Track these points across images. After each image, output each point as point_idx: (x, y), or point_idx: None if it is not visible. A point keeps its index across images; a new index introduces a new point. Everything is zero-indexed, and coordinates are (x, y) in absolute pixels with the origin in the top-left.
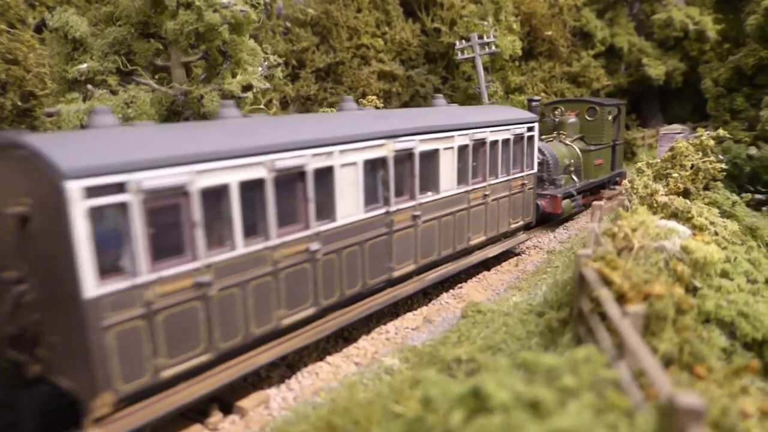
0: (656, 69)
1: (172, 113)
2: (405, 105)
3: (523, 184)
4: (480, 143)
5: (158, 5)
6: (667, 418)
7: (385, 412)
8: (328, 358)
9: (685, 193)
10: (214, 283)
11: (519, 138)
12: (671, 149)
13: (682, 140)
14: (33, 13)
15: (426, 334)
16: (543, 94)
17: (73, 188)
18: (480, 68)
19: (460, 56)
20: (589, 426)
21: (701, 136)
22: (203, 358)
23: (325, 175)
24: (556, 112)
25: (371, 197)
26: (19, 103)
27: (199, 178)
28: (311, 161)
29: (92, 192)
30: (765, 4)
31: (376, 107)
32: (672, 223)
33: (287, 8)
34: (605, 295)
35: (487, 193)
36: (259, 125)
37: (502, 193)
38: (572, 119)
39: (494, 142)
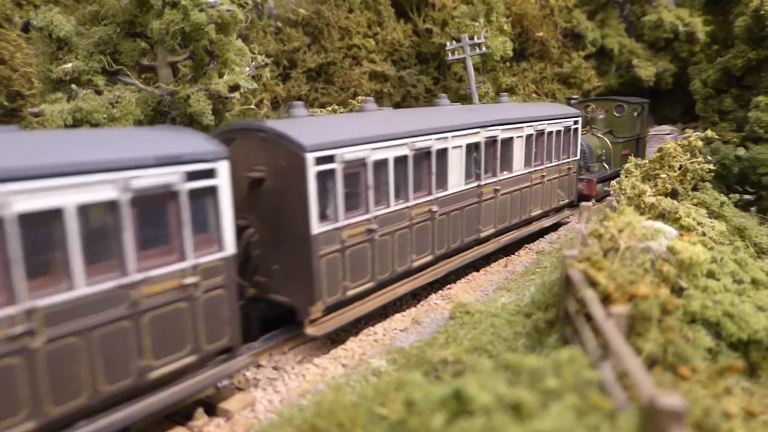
0: (646, 70)
1: (159, 113)
2: (397, 105)
3: (569, 168)
4: (540, 133)
5: (144, 4)
6: (649, 420)
7: (370, 414)
8: (316, 360)
9: (674, 194)
10: (377, 230)
11: (567, 130)
12: (660, 150)
13: (670, 141)
14: (20, 11)
15: (414, 336)
16: (534, 95)
17: (310, 158)
18: (470, 69)
19: (450, 57)
20: (571, 428)
21: (689, 137)
22: (369, 285)
23: (442, 155)
24: (588, 109)
25: (468, 173)
26: (6, 103)
27: (373, 154)
28: (435, 143)
29: (318, 161)
30: (753, 5)
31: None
32: (659, 224)
33: (278, 8)
34: (590, 296)
35: (544, 174)
36: (401, 116)
37: (554, 175)
38: (602, 115)
39: (550, 133)
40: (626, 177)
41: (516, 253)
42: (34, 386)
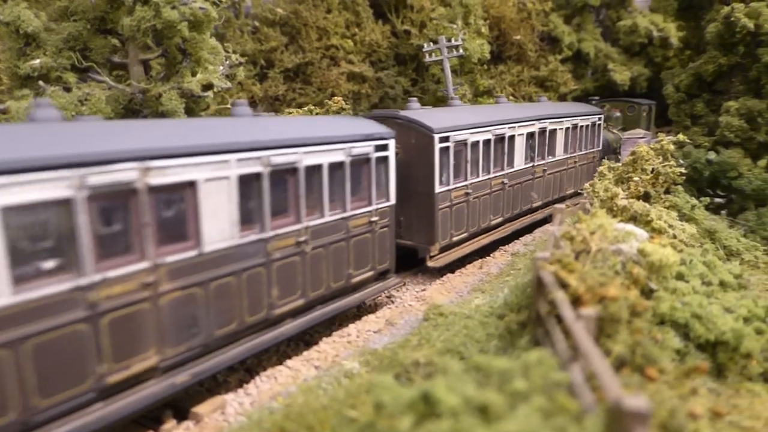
0: (621, 74)
1: (130, 112)
2: (374, 106)
3: (594, 157)
4: (575, 127)
5: (115, 1)
6: (614, 421)
7: (340, 417)
8: (288, 362)
9: (646, 197)
10: (472, 194)
11: (593, 125)
12: (633, 153)
13: (643, 145)
14: None
15: (388, 337)
16: (511, 97)
17: (436, 137)
18: (448, 71)
19: (428, 59)
20: (537, 429)
21: (662, 140)
22: (464, 235)
23: (511, 140)
24: (604, 109)
25: (527, 155)
26: None
27: (470, 137)
28: (508, 131)
29: (440, 140)
30: (724, 12)
31: (342, 109)
32: (630, 227)
33: (256, 7)
34: (561, 298)
35: (576, 160)
36: (483, 111)
37: (583, 162)
38: (617, 114)
39: (582, 127)
40: (600, 180)
41: (491, 255)
42: (305, 277)
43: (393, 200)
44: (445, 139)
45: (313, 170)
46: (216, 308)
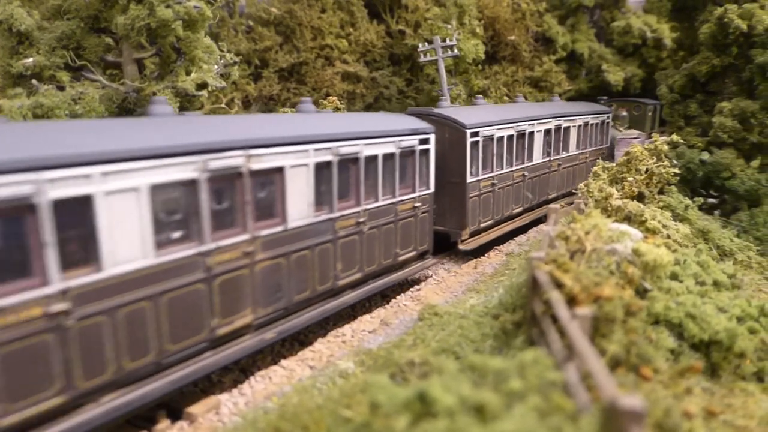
0: (615, 75)
1: (124, 111)
2: (369, 106)
3: (602, 153)
4: (586, 124)
5: None
6: (610, 421)
7: (335, 417)
8: (283, 362)
9: (640, 197)
10: (497, 184)
11: (602, 123)
12: (627, 154)
13: (637, 145)
14: None
15: (383, 337)
16: (506, 97)
17: (468, 132)
18: (442, 71)
19: (423, 59)
20: (533, 429)
21: (656, 141)
22: (490, 222)
23: (530, 136)
24: (612, 108)
25: (544, 150)
26: None
27: (496, 132)
28: (528, 128)
29: (470, 135)
30: (717, 13)
31: (337, 108)
32: (624, 227)
33: (250, 6)
34: (556, 298)
35: (587, 155)
36: (508, 109)
37: (593, 157)
38: (624, 113)
39: (592, 125)
40: (594, 180)
41: (486, 255)
42: (362, 253)
43: (432, 188)
44: (476, 134)
45: (371, 160)
46: (295, 277)
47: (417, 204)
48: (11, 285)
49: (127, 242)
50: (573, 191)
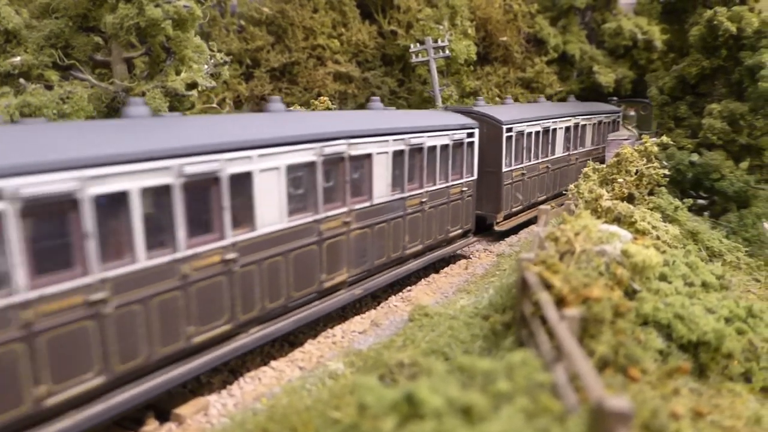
0: (606, 76)
1: (113, 110)
2: (361, 107)
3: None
4: (600, 123)
5: None
6: (597, 422)
7: (324, 418)
8: (273, 363)
9: (630, 198)
10: (527, 174)
11: (614, 122)
12: (617, 155)
13: (628, 146)
14: None
15: (373, 338)
16: (497, 98)
17: (504, 128)
18: (434, 72)
19: (414, 59)
20: (520, 430)
21: (646, 142)
22: (520, 207)
23: (554, 132)
24: (621, 108)
25: (565, 146)
26: None
27: (527, 128)
28: (551, 125)
29: (506, 130)
30: (707, 16)
31: (328, 108)
32: (614, 228)
33: (242, 6)
34: (545, 299)
35: (599, 152)
36: (535, 107)
37: (604, 153)
38: (632, 113)
39: (605, 123)
40: (584, 181)
41: (477, 255)
42: (423, 228)
43: (476, 175)
44: (510, 130)
45: (431, 150)
46: (376, 244)
47: (464, 188)
48: (201, 238)
49: (269, 210)
50: None
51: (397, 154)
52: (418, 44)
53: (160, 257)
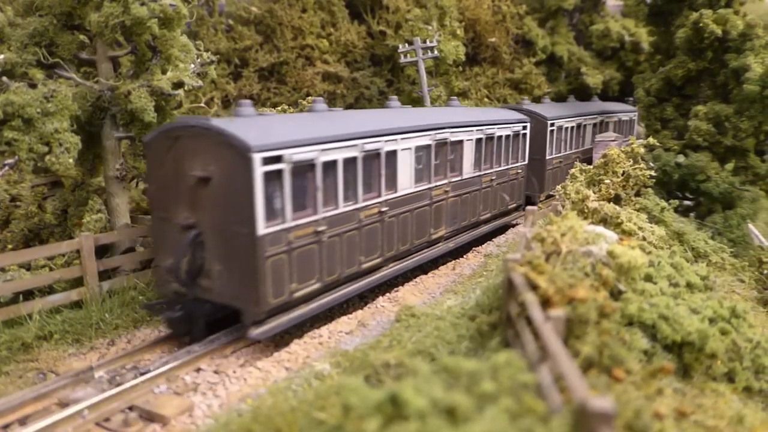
0: (594, 78)
1: (98, 109)
2: (350, 107)
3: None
4: (619, 120)
5: None
6: (580, 422)
7: (309, 419)
8: (258, 363)
9: (617, 199)
10: (563, 161)
11: (630, 120)
12: (604, 156)
13: (614, 147)
14: None
15: (359, 338)
16: (486, 99)
17: (549, 123)
18: (423, 72)
19: (403, 59)
20: (503, 431)
21: (633, 144)
22: (542, 197)
23: (584, 128)
24: (635, 107)
25: (593, 140)
26: None
27: (565, 124)
28: (584, 122)
29: (549, 125)
30: (693, 18)
31: None
32: (600, 229)
33: (230, 5)
34: (530, 299)
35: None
36: (568, 106)
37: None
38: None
39: (624, 121)
40: (571, 182)
41: (464, 256)
42: (490, 200)
43: (527, 161)
44: (552, 125)
45: (500, 139)
46: (462, 210)
47: (519, 171)
48: (369, 195)
49: (404, 177)
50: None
51: (478, 141)
52: (406, 44)
53: (349, 206)
